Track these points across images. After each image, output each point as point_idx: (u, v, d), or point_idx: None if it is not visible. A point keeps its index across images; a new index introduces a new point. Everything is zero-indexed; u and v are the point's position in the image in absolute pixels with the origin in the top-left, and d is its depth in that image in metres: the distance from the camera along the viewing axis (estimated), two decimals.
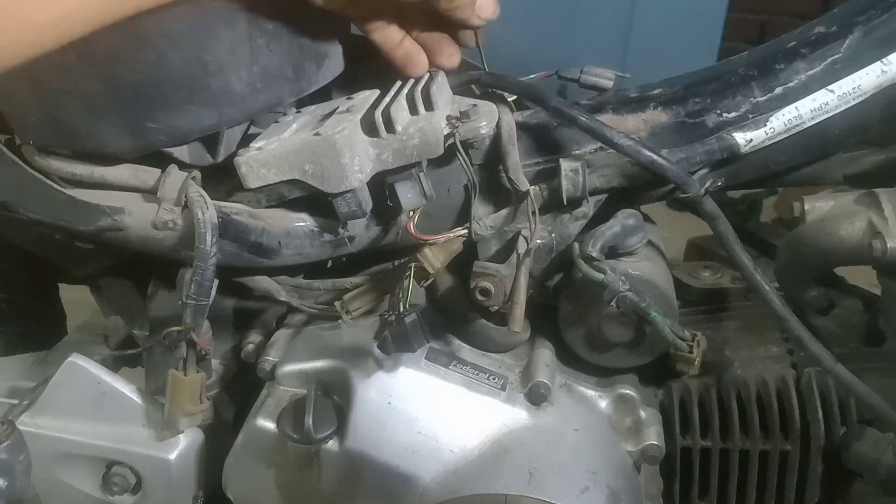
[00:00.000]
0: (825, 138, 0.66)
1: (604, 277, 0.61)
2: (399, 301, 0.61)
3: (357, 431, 0.65)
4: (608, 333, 0.67)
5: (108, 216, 0.62)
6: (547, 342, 0.71)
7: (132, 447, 0.70)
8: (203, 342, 0.64)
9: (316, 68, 0.67)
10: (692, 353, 0.65)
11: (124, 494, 0.72)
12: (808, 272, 0.75)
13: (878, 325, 0.74)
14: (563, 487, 0.62)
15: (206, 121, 0.62)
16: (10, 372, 0.80)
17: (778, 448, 0.71)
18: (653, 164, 0.62)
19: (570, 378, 0.70)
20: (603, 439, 0.68)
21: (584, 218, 0.67)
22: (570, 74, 0.74)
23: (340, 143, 0.58)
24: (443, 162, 0.64)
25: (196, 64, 0.59)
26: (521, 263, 0.63)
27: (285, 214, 0.66)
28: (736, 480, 0.73)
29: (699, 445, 0.73)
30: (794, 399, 0.69)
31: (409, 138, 0.60)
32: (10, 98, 0.62)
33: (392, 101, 0.61)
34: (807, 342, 0.63)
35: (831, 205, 0.71)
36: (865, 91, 0.63)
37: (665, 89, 0.70)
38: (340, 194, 0.60)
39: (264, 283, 0.71)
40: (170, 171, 0.62)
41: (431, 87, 0.64)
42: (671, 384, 0.74)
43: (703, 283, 0.84)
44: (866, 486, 0.69)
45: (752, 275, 0.63)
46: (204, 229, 0.59)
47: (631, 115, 0.69)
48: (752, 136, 0.65)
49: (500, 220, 0.67)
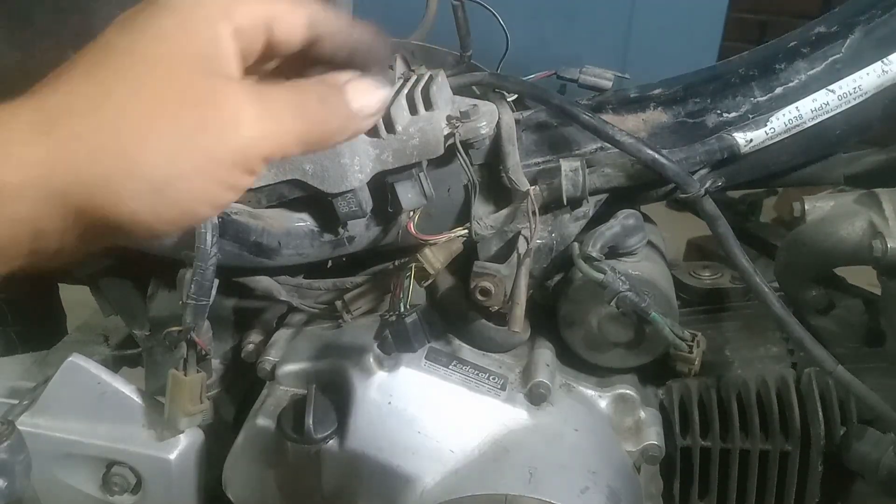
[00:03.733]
0: (825, 138, 0.66)
1: (604, 277, 0.61)
2: (399, 301, 0.61)
3: (357, 431, 0.64)
4: (608, 333, 0.67)
5: None
6: (547, 342, 0.71)
7: (132, 447, 0.70)
8: (203, 342, 0.65)
9: None
10: (692, 353, 0.65)
11: (124, 494, 0.72)
12: (809, 272, 0.75)
13: (879, 325, 0.74)
14: (563, 487, 0.62)
15: None
16: (10, 372, 0.80)
17: (778, 448, 0.71)
18: (654, 162, 0.62)
19: (570, 378, 0.70)
20: (603, 439, 0.68)
21: (584, 218, 0.67)
22: (568, 75, 0.74)
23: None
24: (443, 162, 0.64)
25: None
26: (521, 263, 0.63)
27: (285, 214, 0.66)
28: (736, 480, 0.73)
29: (699, 445, 0.73)
30: (794, 399, 0.69)
31: (409, 138, 0.60)
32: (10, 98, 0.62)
33: (392, 101, 0.61)
34: (807, 344, 0.63)
35: (831, 205, 0.71)
36: (866, 91, 0.63)
37: (665, 89, 0.70)
38: (340, 194, 0.60)
39: (264, 283, 0.71)
40: None
41: (431, 87, 0.64)
42: (671, 384, 0.74)
43: (703, 283, 0.84)
44: (866, 486, 0.69)
45: (751, 276, 0.63)
46: (204, 229, 0.59)
47: (631, 115, 0.69)
48: (752, 136, 0.65)
49: (500, 220, 0.67)
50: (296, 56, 0.41)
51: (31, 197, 0.32)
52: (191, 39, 0.36)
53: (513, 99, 0.71)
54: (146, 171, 0.33)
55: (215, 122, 0.35)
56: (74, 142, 0.33)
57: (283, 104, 0.37)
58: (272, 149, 0.37)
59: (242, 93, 0.36)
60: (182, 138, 0.34)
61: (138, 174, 0.33)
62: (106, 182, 0.33)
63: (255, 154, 0.36)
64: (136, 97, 0.34)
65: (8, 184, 0.32)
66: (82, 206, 0.33)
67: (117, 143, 0.33)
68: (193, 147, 0.34)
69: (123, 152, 0.33)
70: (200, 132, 0.34)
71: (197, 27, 0.36)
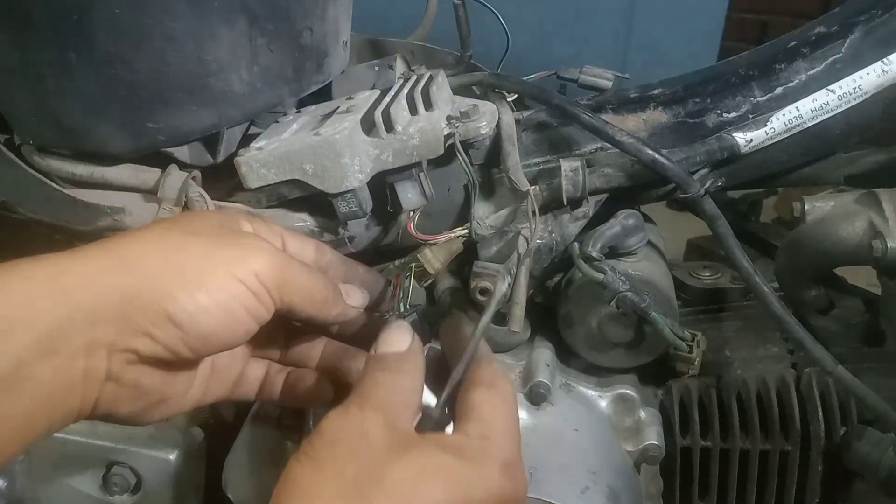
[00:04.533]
0: (826, 138, 0.66)
1: (604, 277, 0.61)
2: (399, 301, 0.61)
3: None
4: (608, 333, 0.67)
5: (108, 216, 0.62)
6: (547, 342, 0.71)
7: (132, 447, 0.70)
8: None
9: (316, 68, 0.67)
10: (692, 353, 0.65)
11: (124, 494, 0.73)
12: (809, 272, 0.75)
13: (879, 325, 0.74)
14: (563, 487, 0.62)
15: (206, 121, 0.62)
16: None
17: (778, 448, 0.71)
18: (654, 162, 0.62)
19: (570, 378, 0.70)
20: (603, 439, 0.68)
21: (584, 218, 0.67)
22: (568, 75, 0.74)
23: (340, 143, 0.58)
24: (443, 162, 0.64)
25: (196, 64, 0.59)
26: (521, 263, 0.63)
27: (285, 214, 0.65)
28: (736, 480, 0.73)
29: (699, 445, 0.73)
30: (794, 399, 0.69)
31: (409, 138, 0.60)
32: (10, 98, 0.62)
33: (392, 101, 0.61)
34: (807, 344, 0.63)
35: (831, 205, 0.71)
36: (866, 91, 0.63)
37: (665, 89, 0.70)
38: (340, 194, 0.60)
39: None
40: (170, 171, 0.62)
41: (431, 87, 0.64)
42: (671, 384, 0.74)
43: (703, 283, 0.84)
44: (866, 486, 0.69)
45: (751, 276, 0.63)
46: None
47: (631, 115, 0.69)
48: (752, 136, 0.65)
49: (500, 220, 0.67)
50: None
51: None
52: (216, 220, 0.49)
53: (513, 99, 0.71)
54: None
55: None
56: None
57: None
58: (276, 283, 0.47)
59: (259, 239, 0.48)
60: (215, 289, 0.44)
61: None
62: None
63: (259, 276, 0.45)
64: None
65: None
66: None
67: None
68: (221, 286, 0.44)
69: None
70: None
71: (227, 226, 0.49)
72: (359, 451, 0.41)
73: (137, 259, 0.43)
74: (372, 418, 0.42)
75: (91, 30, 0.56)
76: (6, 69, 0.59)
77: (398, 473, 0.40)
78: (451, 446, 0.43)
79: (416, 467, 0.40)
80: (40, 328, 0.39)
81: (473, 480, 0.41)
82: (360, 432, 0.41)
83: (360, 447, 0.41)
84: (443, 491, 0.40)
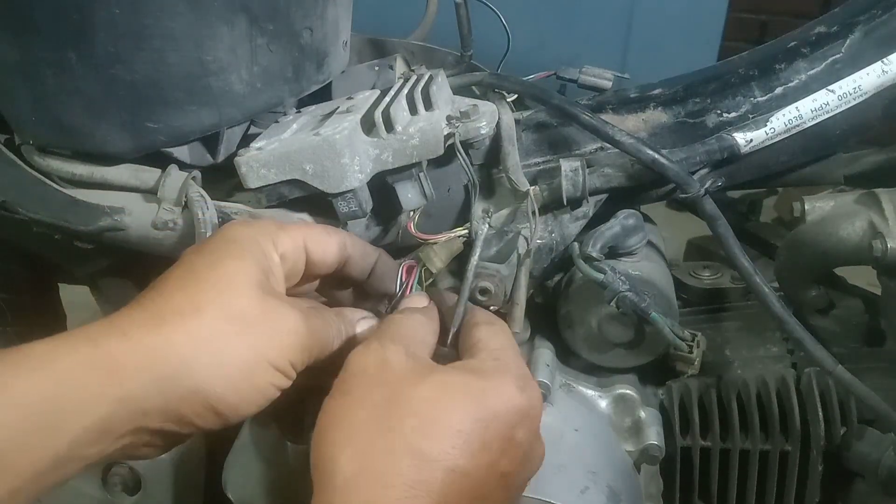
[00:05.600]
0: (825, 138, 0.66)
1: (604, 277, 0.61)
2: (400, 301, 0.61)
3: None
4: (608, 333, 0.67)
5: (108, 216, 0.62)
6: (547, 342, 0.71)
7: None
8: None
9: (316, 68, 0.67)
10: (692, 353, 0.65)
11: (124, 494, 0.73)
12: (809, 272, 0.75)
13: (879, 325, 0.74)
14: (563, 487, 0.62)
15: (206, 121, 0.62)
16: None
17: (778, 448, 0.71)
18: (654, 162, 0.62)
19: (570, 378, 0.70)
20: (603, 439, 0.68)
21: (584, 218, 0.67)
22: (568, 75, 0.75)
23: (340, 143, 0.58)
24: (443, 162, 0.64)
25: (196, 64, 0.59)
26: (521, 263, 0.63)
27: (285, 214, 0.65)
28: (736, 480, 0.73)
29: (699, 445, 0.73)
30: (794, 399, 0.69)
31: (409, 138, 0.60)
32: (10, 98, 0.62)
33: (392, 101, 0.61)
34: (807, 344, 0.63)
35: (831, 205, 0.71)
36: (866, 91, 0.63)
37: (665, 89, 0.70)
38: (340, 194, 0.60)
39: None
40: (170, 171, 0.62)
41: (431, 87, 0.64)
42: (671, 384, 0.74)
43: (703, 283, 0.84)
44: (866, 486, 0.69)
45: (751, 276, 0.63)
46: (204, 229, 0.59)
47: (631, 115, 0.69)
48: (752, 136, 0.65)
49: (501, 220, 0.67)
50: (331, 278, 0.56)
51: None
52: (249, 267, 0.47)
53: (513, 99, 0.71)
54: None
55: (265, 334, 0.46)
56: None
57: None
58: (301, 357, 0.47)
59: (289, 310, 0.47)
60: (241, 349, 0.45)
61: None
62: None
63: (289, 357, 0.47)
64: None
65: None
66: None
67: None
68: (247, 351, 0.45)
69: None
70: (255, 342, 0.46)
71: (254, 255, 0.48)
72: (384, 378, 0.44)
73: (181, 345, 0.44)
74: (392, 349, 0.46)
75: (91, 30, 0.56)
76: (6, 69, 0.59)
77: (423, 392, 0.44)
78: (468, 368, 0.47)
79: (438, 386, 0.44)
80: (94, 415, 0.41)
81: (492, 394, 0.45)
82: (382, 361, 0.45)
83: (384, 375, 0.45)
84: (465, 406, 0.44)
